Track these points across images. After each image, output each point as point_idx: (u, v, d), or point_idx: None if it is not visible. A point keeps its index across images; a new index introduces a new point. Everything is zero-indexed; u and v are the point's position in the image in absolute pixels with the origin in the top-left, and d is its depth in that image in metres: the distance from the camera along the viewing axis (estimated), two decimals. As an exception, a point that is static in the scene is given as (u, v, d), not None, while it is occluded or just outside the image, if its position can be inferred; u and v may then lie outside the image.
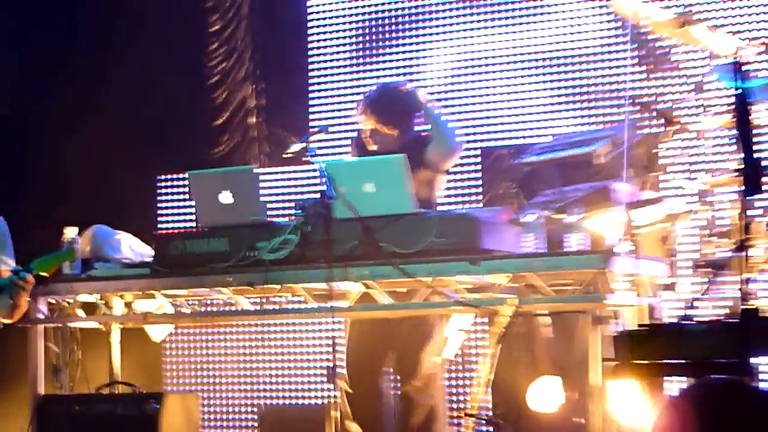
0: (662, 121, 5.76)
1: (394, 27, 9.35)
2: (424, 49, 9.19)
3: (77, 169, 8.58)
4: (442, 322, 6.69)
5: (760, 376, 5.42)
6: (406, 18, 9.31)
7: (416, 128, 6.91)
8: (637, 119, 6.22)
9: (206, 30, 9.43)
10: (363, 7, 9.53)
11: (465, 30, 9.05)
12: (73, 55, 9.48)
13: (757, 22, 7.58)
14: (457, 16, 9.12)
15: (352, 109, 7.36)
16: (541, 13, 8.67)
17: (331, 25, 9.54)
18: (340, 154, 7.97)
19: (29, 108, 9.40)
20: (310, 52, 9.44)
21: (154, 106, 9.02)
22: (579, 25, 8.35)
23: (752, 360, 4.90)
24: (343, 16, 9.57)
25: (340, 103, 9.13)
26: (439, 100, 8.41)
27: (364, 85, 8.68)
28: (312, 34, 9.58)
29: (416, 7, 9.27)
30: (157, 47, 9.23)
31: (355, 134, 7.07)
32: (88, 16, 9.67)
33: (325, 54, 9.49)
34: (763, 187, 4.90)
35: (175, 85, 9.12)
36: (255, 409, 8.12)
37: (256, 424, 7.90)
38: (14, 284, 5.99)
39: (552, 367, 6.23)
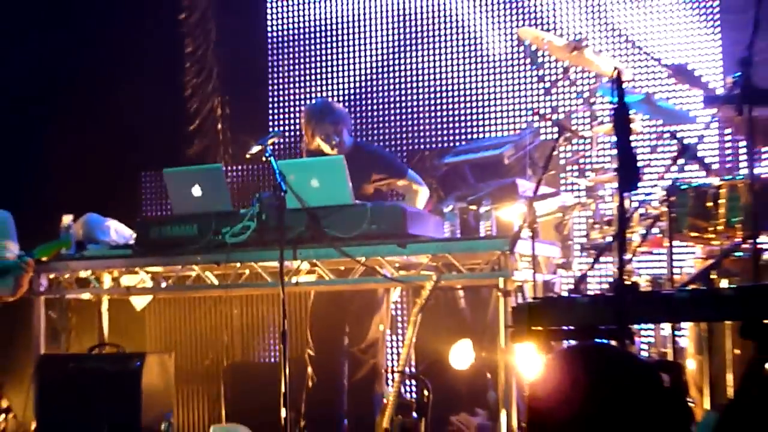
0: (558, 129, 5.82)
1: (338, 48, 9.34)
2: (364, 68, 9.16)
3: (74, 166, 8.48)
4: (388, 297, 6.85)
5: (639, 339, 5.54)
6: (349, 38, 9.30)
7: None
8: (538, 127, 6.27)
9: (182, 51, 9.45)
10: (313, 29, 9.45)
11: (398, 51, 9.01)
12: (76, 68, 9.43)
13: (633, 47, 7.75)
14: (392, 38, 9.08)
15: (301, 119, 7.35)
16: (462, 41, 8.65)
17: (287, 47, 9.47)
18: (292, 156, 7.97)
19: (34, 112, 9.30)
20: (270, 71, 9.45)
21: (139, 114, 8.93)
22: (492, 48, 8.36)
23: (629, 326, 5.02)
24: (298, 39, 9.48)
25: (294, 113, 9.11)
26: (375, 111, 8.57)
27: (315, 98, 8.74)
28: (271, 56, 9.56)
29: (357, 27, 9.28)
30: (143, 66, 9.24)
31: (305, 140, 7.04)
32: (88, 38, 9.55)
33: (281, 71, 9.47)
34: (638, 185, 5.01)
35: (157, 97, 9.05)
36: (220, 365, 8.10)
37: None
38: (19, 267, 6.04)
39: (466, 332, 6.28)
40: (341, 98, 8.76)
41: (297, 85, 9.36)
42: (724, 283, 5.12)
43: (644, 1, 7.82)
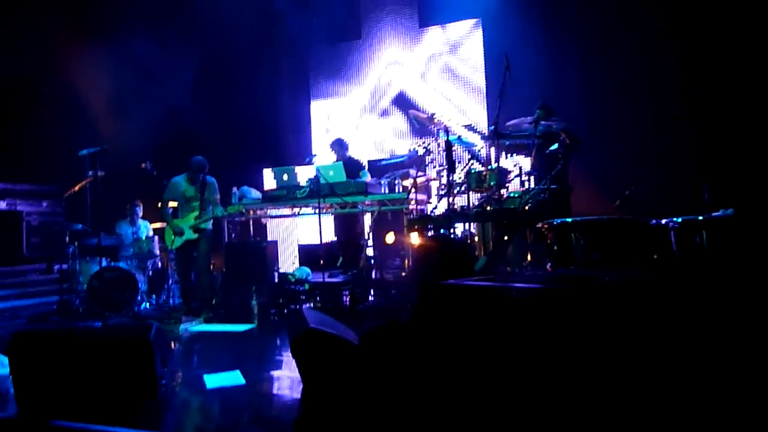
0: (425, 150, 5.82)
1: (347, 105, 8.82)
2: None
3: (234, 165, 7.75)
4: (362, 217, 6.68)
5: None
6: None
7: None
8: (416, 150, 6.23)
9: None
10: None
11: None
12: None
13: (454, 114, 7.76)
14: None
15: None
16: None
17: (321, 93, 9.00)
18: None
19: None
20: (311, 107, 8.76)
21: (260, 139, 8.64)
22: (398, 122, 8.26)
23: (453, 225, 5.09)
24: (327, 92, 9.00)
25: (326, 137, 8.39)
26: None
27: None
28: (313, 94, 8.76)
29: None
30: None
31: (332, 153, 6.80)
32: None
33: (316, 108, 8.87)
34: (455, 170, 5.08)
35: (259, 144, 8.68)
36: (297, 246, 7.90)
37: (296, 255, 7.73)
38: (222, 213, 6.02)
39: (391, 228, 6.18)
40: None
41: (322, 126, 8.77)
42: (488, 208, 5.18)
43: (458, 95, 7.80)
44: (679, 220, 3.61)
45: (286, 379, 3.58)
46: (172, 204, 6.22)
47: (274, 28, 8.65)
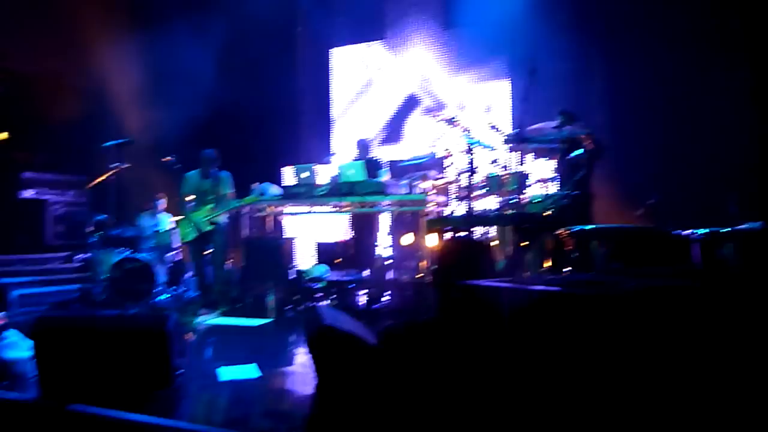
0: (445, 153, 5.78)
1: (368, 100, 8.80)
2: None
3: (255, 162, 7.83)
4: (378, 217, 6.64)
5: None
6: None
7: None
8: (434, 153, 6.17)
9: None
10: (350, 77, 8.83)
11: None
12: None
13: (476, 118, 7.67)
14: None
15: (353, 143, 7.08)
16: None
17: (343, 91, 8.85)
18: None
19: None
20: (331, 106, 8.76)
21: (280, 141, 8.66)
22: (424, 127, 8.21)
23: (471, 229, 5.02)
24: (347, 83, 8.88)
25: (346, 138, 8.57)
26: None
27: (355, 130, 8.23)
28: (334, 94, 8.74)
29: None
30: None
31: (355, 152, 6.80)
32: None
33: (339, 107, 8.91)
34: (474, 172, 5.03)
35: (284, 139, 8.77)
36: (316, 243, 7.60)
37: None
38: (239, 205, 6.04)
39: (408, 231, 6.17)
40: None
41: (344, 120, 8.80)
42: (509, 211, 5.13)
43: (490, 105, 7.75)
44: (704, 231, 3.53)
45: (300, 374, 3.58)
46: (189, 198, 6.24)
47: (298, 27, 8.66)
